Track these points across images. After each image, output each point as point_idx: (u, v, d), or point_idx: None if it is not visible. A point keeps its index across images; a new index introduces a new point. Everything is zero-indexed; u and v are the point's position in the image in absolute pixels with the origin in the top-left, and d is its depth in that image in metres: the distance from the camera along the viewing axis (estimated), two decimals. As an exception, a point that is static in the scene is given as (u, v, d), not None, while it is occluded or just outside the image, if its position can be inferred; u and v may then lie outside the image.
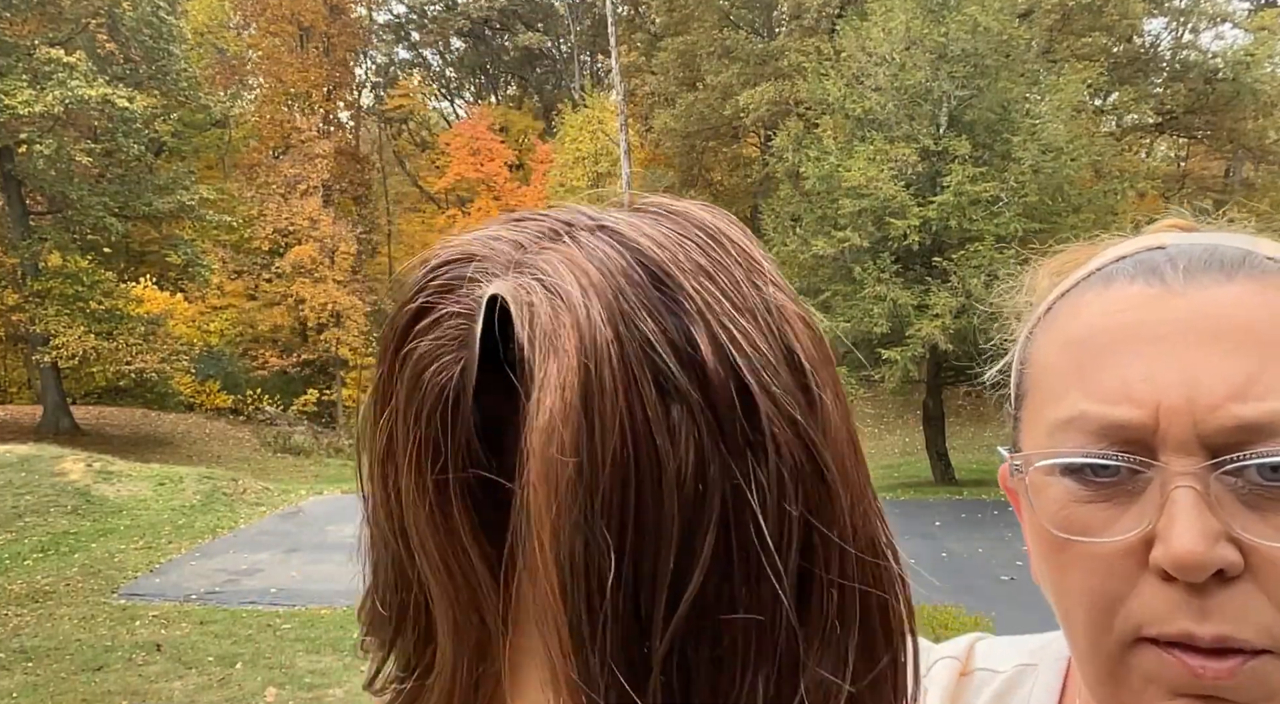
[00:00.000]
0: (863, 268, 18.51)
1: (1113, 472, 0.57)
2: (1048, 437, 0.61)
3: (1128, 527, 0.56)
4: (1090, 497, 0.58)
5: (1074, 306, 0.64)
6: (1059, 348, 0.63)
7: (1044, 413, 0.63)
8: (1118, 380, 0.57)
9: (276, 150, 36.10)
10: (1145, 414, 0.56)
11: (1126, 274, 0.62)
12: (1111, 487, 0.57)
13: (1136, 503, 0.56)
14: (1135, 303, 0.60)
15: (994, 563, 12.46)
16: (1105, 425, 0.57)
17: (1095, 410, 0.58)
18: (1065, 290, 0.66)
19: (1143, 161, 30.16)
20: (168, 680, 8.02)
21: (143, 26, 25.68)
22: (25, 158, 24.46)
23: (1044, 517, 0.60)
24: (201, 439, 27.74)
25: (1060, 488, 0.59)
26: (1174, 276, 0.59)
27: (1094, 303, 0.62)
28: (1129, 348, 0.58)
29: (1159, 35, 30.81)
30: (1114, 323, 0.60)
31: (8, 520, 13.18)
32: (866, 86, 19.67)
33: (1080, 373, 0.60)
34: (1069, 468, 0.59)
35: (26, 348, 27.45)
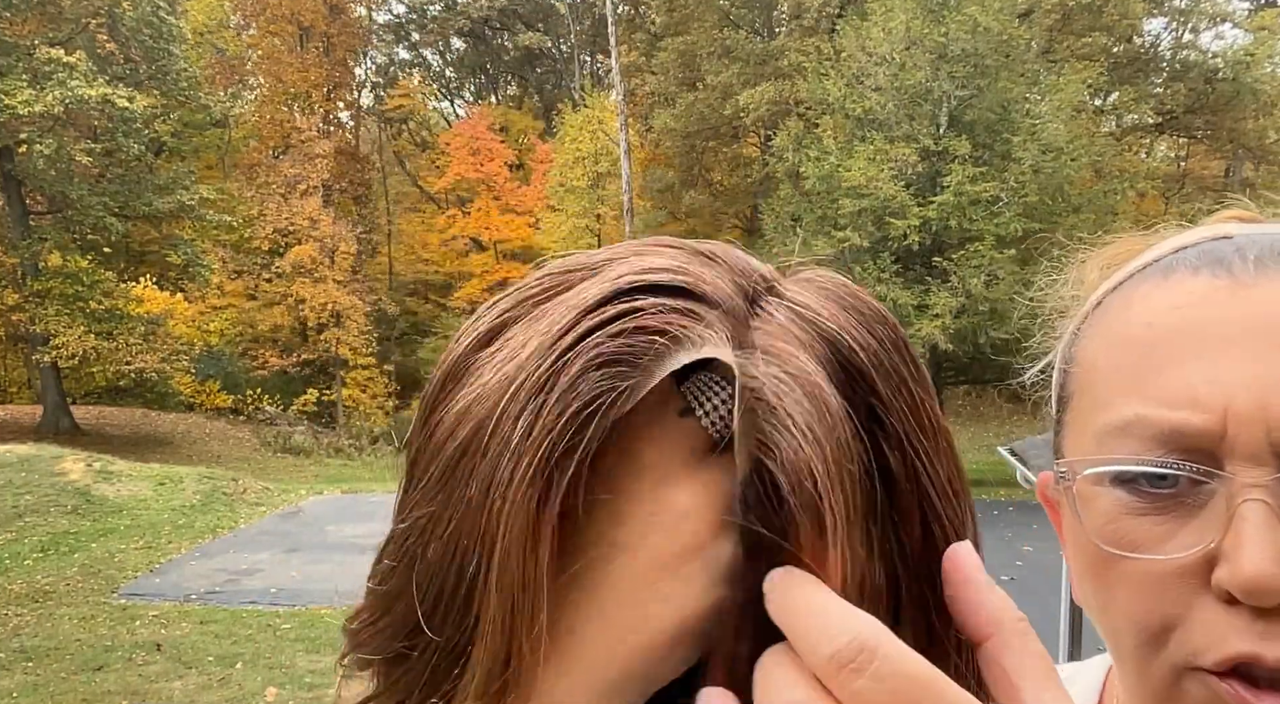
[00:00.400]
0: (863, 268, 18.52)
1: (1171, 482, 0.52)
2: (1097, 443, 0.56)
3: (1187, 543, 0.51)
4: (1144, 508, 0.53)
5: (1128, 301, 0.58)
6: (1111, 346, 0.58)
7: (1093, 417, 0.57)
8: (1181, 382, 0.52)
9: (276, 150, 36.10)
10: (1212, 419, 0.50)
11: (1189, 265, 0.56)
12: (1169, 498, 0.52)
13: (1197, 517, 0.51)
14: (1200, 297, 0.54)
15: (994, 563, 12.43)
16: (1165, 431, 0.51)
17: (1154, 415, 0.52)
18: (1118, 283, 0.61)
19: (1143, 161, 30.17)
20: (168, 680, 8.02)
21: (143, 26, 25.68)
22: (25, 158, 24.46)
23: (1091, 529, 0.55)
24: (201, 439, 27.74)
25: (1110, 499, 0.54)
26: (1243, 268, 0.54)
27: (1152, 296, 0.57)
28: (1193, 346, 0.52)
29: (1159, 35, 30.83)
30: (1176, 319, 0.54)
31: (8, 520, 13.18)
32: (866, 86, 19.68)
33: (1136, 374, 0.54)
34: (1121, 477, 0.53)
35: (26, 348, 27.45)
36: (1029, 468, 7.93)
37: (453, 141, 38.50)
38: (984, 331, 17.51)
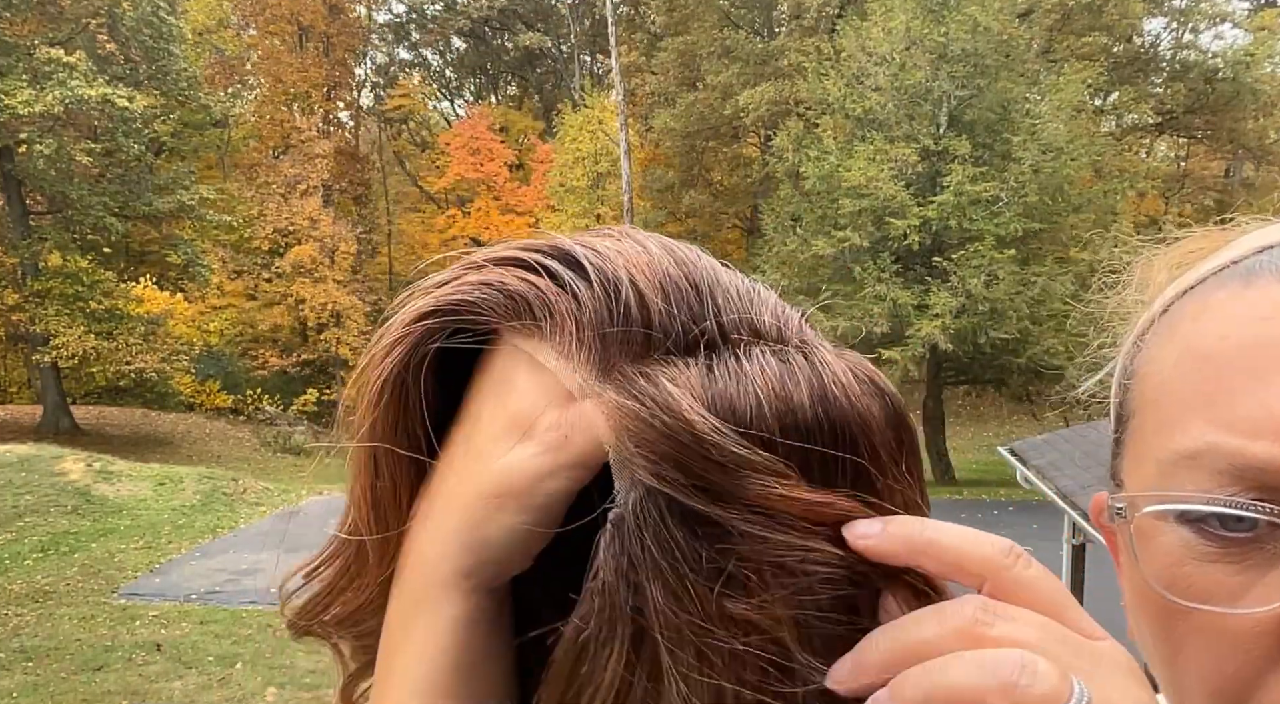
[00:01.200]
0: (863, 268, 18.51)
1: (1249, 524, 0.45)
2: (1159, 474, 0.49)
3: (1265, 597, 0.44)
4: (1214, 553, 0.46)
5: (1201, 309, 0.51)
6: (1180, 361, 0.50)
7: (1156, 441, 0.50)
8: (1259, 408, 0.45)
9: (276, 150, 36.11)
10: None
11: (1273, 270, 0.49)
12: (1245, 543, 0.45)
13: (1277, 566, 0.44)
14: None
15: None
16: (1240, 465, 0.45)
17: (1227, 444, 0.45)
18: (1190, 286, 0.53)
19: (1143, 161, 30.16)
20: (168, 680, 8.02)
21: (143, 26, 25.68)
22: (25, 158, 24.46)
23: (1151, 573, 0.48)
24: (201, 439, 27.73)
25: (1174, 538, 0.47)
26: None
27: (1228, 305, 0.49)
28: (1275, 367, 0.46)
29: (1159, 35, 30.82)
30: (1258, 332, 0.47)
31: (8, 520, 13.18)
32: (866, 86, 19.68)
33: (1207, 395, 0.47)
34: (1188, 515, 0.47)
35: (26, 348, 27.45)
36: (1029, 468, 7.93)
37: (453, 141, 38.50)
38: (984, 331, 17.51)
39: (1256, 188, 31.47)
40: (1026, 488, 7.99)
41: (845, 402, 0.42)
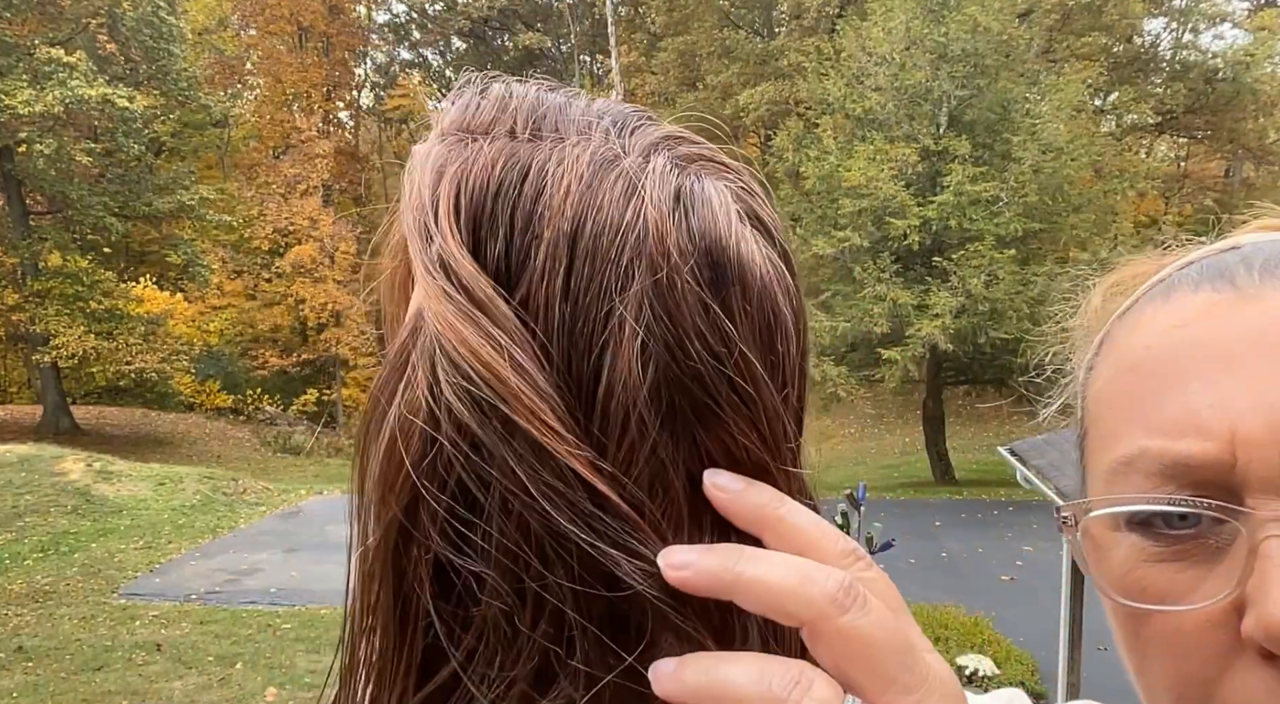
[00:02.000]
0: (863, 268, 18.50)
1: (1192, 521, 0.46)
2: (1105, 483, 0.51)
3: (1213, 591, 0.45)
4: (1163, 553, 0.47)
5: (1131, 326, 0.53)
6: (1114, 376, 0.53)
7: (1101, 455, 0.52)
8: (1181, 409, 0.47)
9: (276, 150, 36.11)
10: (1218, 447, 0.45)
11: (1190, 281, 0.51)
12: (1190, 540, 0.46)
13: (1222, 560, 0.45)
14: (1199, 313, 0.49)
15: (994, 563, 12.46)
16: (1170, 464, 0.46)
17: (1158, 446, 0.47)
18: (1125, 309, 0.55)
19: (1143, 161, 30.12)
20: (168, 680, 8.02)
21: (143, 26, 25.68)
22: (25, 158, 24.46)
23: (1109, 581, 0.49)
24: (201, 439, 27.74)
25: (1127, 544, 0.48)
26: (1247, 279, 0.49)
27: (1151, 318, 0.52)
28: (1193, 368, 0.47)
29: (1159, 35, 30.82)
30: (1175, 338, 0.49)
31: (8, 520, 13.18)
32: (866, 86, 19.67)
33: (1137, 403, 0.49)
34: (1135, 518, 0.48)
35: (26, 348, 27.44)
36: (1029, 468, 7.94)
37: (453, 141, 38.42)
38: (984, 331, 17.50)
39: (1256, 188, 31.48)
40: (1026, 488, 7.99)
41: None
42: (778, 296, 0.43)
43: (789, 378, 0.43)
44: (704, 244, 0.40)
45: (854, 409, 27.54)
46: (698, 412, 0.38)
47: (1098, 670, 7.20)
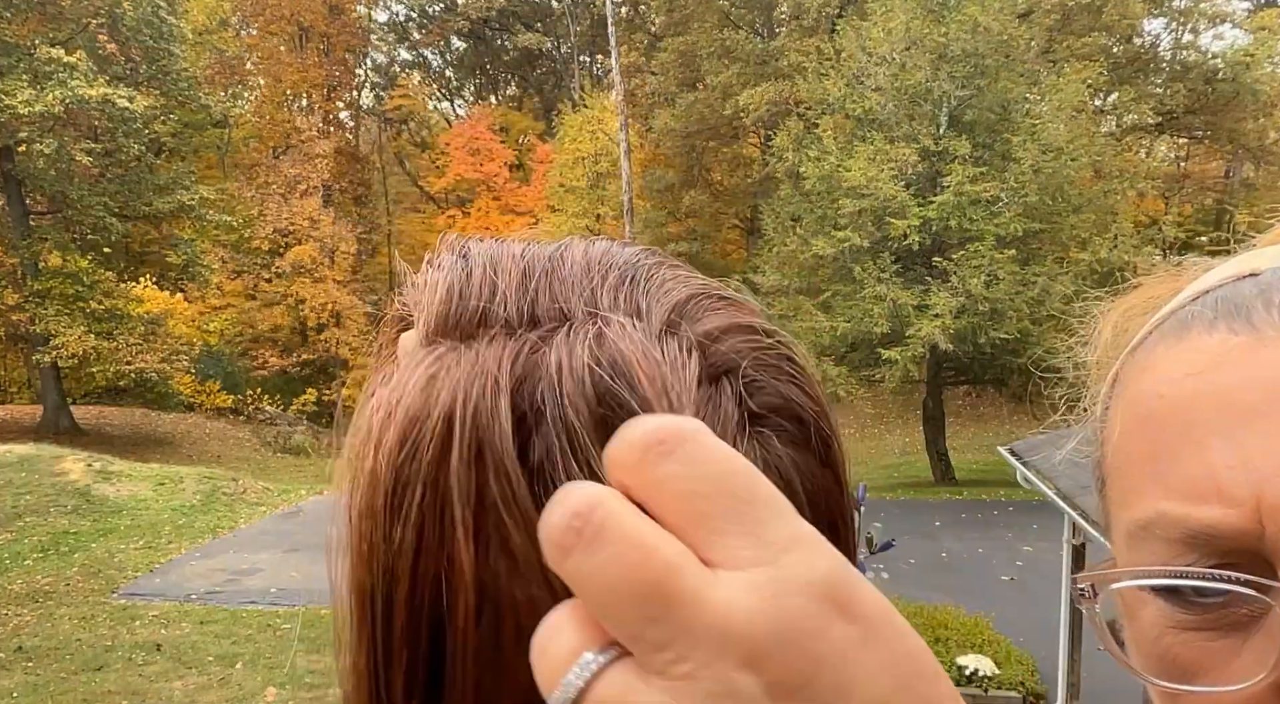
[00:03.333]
0: (863, 268, 18.50)
1: (1221, 592, 0.42)
2: (1127, 546, 0.47)
3: (1249, 670, 0.41)
4: (1195, 622, 0.43)
5: (1142, 368, 0.48)
6: (1127, 426, 0.48)
7: (1120, 513, 0.48)
8: (1201, 469, 0.42)
9: (276, 150, 36.11)
10: (1243, 515, 0.41)
11: (1205, 319, 0.46)
12: (1218, 608, 0.42)
13: (1257, 633, 0.41)
14: (1215, 359, 0.44)
15: (994, 563, 12.47)
16: (1191, 532, 0.42)
17: (1177, 512, 0.43)
18: (1135, 346, 0.50)
19: (1143, 161, 30.15)
20: (168, 680, 8.03)
21: (143, 26, 25.68)
22: (25, 158, 24.47)
23: (1138, 653, 0.46)
24: (201, 439, 27.74)
25: (1155, 610, 0.44)
26: (1266, 318, 0.43)
27: (1163, 362, 0.47)
28: (1211, 423, 0.43)
29: (1159, 35, 30.83)
30: (1188, 390, 0.44)
31: (8, 520, 13.18)
32: (866, 86, 19.67)
33: (1155, 461, 0.45)
34: (1158, 587, 0.44)
35: (26, 348, 27.44)
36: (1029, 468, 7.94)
37: (452, 142, 38.51)
38: (984, 331, 17.50)
39: (1256, 188, 31.47)
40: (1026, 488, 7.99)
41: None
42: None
43: None
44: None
45: (854, 409, 27.53)
46: None
47: (1098, 670, 7.20)
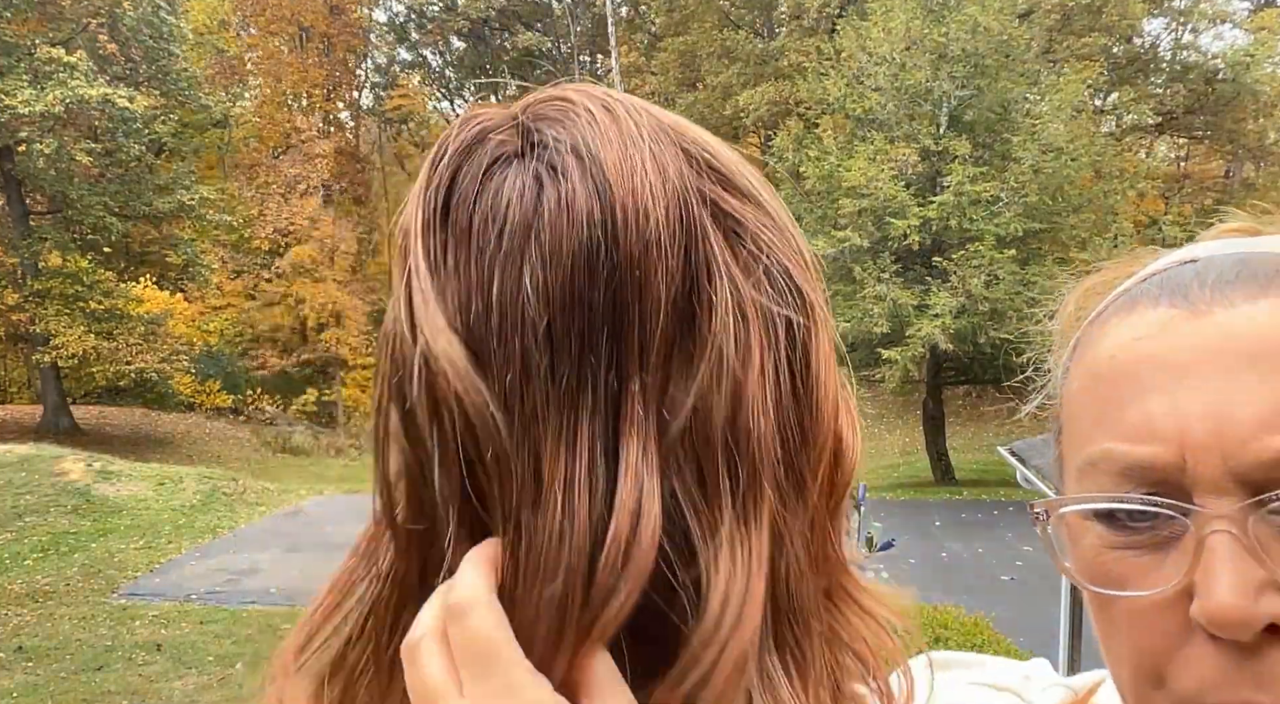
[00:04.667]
0: (863, 268, 18.50)
1: (1148, 516, 0.52)
2: (1076, 480, 0.57)
3: (1166, 578, 0.50)
4: (1125, 542, 0.53)
5: (1099, 334, 0.59)
6: (1083, 383, 0.58)
7: (1071, 454, 0.58)
8: (1141, 416, 0.52)
9: (276, 150, 36.11)
10: (1170, 451, 0.50)
11: (1151, 296, 0.57)
12: (1146, 531, 0.52)
13: (1174, 550, 0.51)
14: (1157, 327, 0.54)
15: (994, 563, 12.46)
16: (1130, 465, 0.52)
17: (1119, 450, 0.53)
18: (1094, 317, 0.61)
19: (1143, 161, 30.13)
20: (168, 680, 8.02)
21: (143, 26, 25.67)
22: (25, 158, 24.45)
23: (1077, 567, 0.56)
24: (201, 439, 27.73)
25: (1093, 535, 0.54)
26: (1200, 294, 0.54)
27: (1115, 330, 0.57)
28: (1151, 379, 0.52)
29: (1159, 36, 30.83)
30: (1137, 351, 0.54)
31: (8, 520, 13.18)
32: (866, 86, 19.67)
33: (1104, 409, 0.55)
34: (1099, 512, 0.54)
35: (26, 348, 27.43)
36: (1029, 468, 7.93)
37: (453, 141, 38.43)
38: (984, 331, 17.50)
39: (1256, 188, 31.47)
40: (1026, 488, 7.99)
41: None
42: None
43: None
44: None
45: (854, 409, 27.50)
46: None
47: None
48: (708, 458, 0.42)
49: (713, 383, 0.42)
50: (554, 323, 0.41)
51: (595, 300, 0.41)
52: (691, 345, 0.42)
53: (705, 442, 0.42)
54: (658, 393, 0.41)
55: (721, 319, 0.42)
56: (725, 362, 0.42)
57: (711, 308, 0.42)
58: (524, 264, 0.41)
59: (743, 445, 0.42)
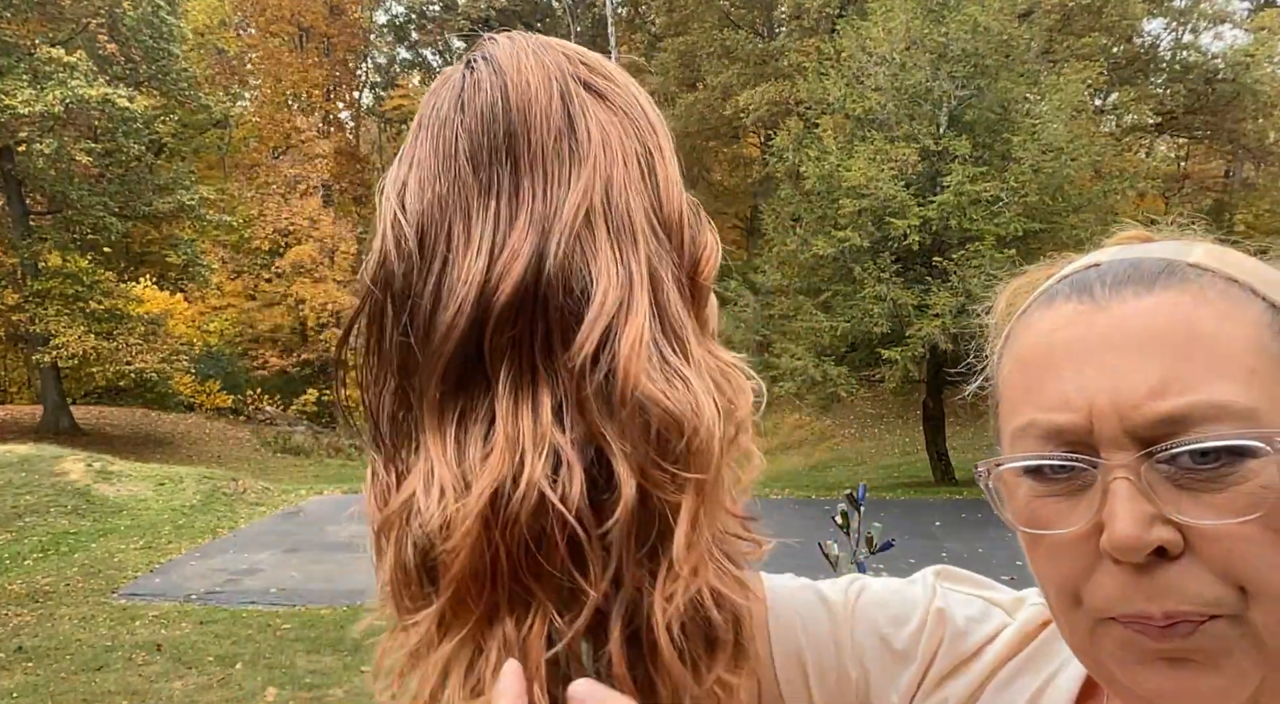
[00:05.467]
0: (863, 268, 18.49)
1: (1066, 469, 0.65)
2: (1008, 444, 0.70)
3: (1080, 517, 0.64)
4: (1048, 492, 0.66)
5: (1024, 327, 0.72)
6: (1011, 367, 0.72)
7: (1006, 423, 0.71)
8: (1057, 391, 0.66)
9: (276, 150, 36.11)
10: (1080, 417, 0.64)
11: (1064, 294, 0.70)
12: (1065, 482, 0.65)
13: (1086, 496, 0.64)
14: (1068, 320, 0.68)
15: (994, 563, 12.46)
16: (1050, 430, 0.65)
17: (1042, 418, 0.66)
18: (1022, 311, 0.74)
19: (1143, 161, 30.14)
20: (168, 680, 8.02)
21: (143, 26, 25.67)
22: (25, 158, 24.45)
23: (1012, 513, 0.69)
24: (201, 439, 27.74)
25: (1025, 487, 0.67)
26: (1101, 292, 0.67)
27: (1038, 322, 0.71)
28: (1064, 362, 0.66)
29: (1159, 35, 30.82)
30: (1052, 341, 0.68)
31: (8, 520, 13.18)
32: (867, 86, 19.66)
33: (1029, 387, 0.68)
34: (1028, 469, 0.67)
35: (26, 348, 27.44)
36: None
37: (453, 141, 38.41)
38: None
39: (1256, 188, 31.47)
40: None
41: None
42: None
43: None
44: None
45: (854, 409, 27.54)
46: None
47: (1098, 670, 7.16)
48: (595, 222, 0.60)
49: (593, 174, 0.61)
50: (475, 145, 0.61)
51: (497, 131, 0.61)
52: (572, 154, 0.61)
53: (588, 211, 0.60)
54: (549, 181, 0.60)
55: (594, 136, 0.62)
56: (598, 161, 0.61)
57: (587, 131, 0.62)
58: (456, 120, 0.63)
59: (618, 210, 0.61)
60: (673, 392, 0.58)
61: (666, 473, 0.57)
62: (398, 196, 0.63)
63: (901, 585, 0.88)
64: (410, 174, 0.64)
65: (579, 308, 0.58)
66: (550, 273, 0.58)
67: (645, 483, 0.57)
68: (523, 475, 0.56)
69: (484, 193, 0.60)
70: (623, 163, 0.63)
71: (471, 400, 0.60)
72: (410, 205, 0.62)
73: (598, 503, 0.57)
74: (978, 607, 0.86)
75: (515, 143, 0.61)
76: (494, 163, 0.61)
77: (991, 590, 0.90)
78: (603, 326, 0.58)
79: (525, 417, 0.57)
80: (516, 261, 0.58)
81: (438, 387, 0.60)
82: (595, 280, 0.59)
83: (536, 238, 0.59)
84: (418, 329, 0.61)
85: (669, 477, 0.58)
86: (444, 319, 0.59)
